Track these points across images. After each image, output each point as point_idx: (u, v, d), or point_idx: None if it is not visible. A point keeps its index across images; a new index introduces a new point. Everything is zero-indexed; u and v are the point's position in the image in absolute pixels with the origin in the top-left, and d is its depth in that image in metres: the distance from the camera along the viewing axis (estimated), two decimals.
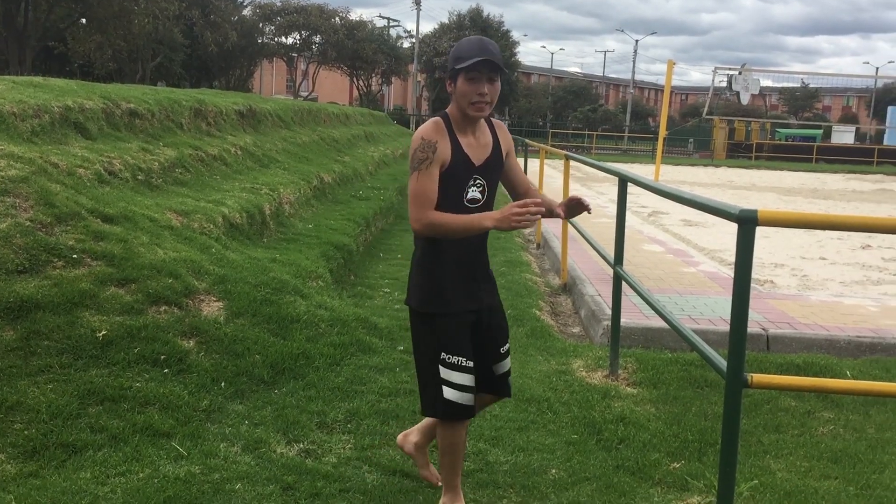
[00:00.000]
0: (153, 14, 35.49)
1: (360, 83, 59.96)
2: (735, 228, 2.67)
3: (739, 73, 30.45)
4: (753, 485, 3.69)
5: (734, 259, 2.69)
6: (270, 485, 3.43)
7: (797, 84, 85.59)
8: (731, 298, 2.67)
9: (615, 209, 5.15)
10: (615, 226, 5.13)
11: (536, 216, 2.82)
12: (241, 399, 4.31)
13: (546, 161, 13.10)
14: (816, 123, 61.28)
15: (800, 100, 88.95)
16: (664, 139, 26.80)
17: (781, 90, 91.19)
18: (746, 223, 2.62)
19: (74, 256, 4.76)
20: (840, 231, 3.84)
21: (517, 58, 64.27)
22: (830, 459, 4.05)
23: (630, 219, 12.62)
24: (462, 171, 3.02)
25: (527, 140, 18.60)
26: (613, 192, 4.80)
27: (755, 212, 2.62)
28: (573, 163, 8.25)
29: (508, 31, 61.75)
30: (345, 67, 57.79)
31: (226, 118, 11.15)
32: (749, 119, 53.24)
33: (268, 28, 54.71)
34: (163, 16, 36.48)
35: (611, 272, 5.29)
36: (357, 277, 8.09)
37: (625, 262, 5.18)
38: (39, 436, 3.57)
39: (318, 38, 55.39)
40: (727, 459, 2.75)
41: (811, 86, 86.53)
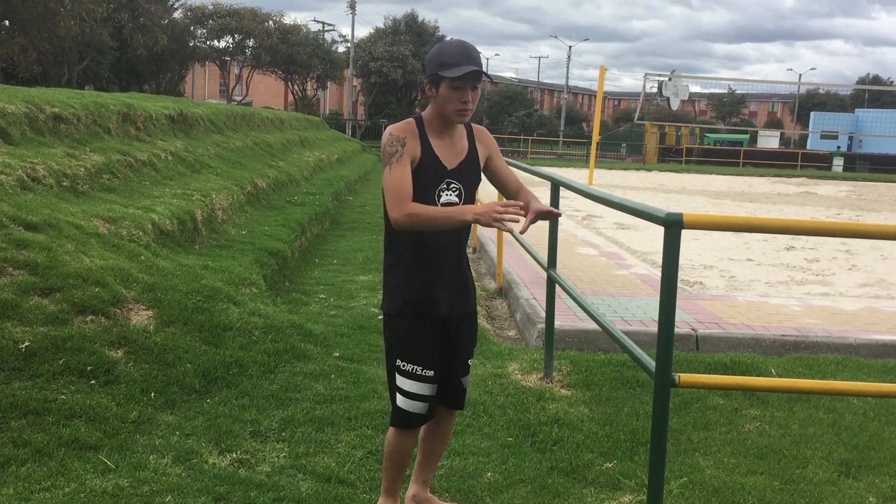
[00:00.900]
0: (80, 16, 34.53)
1: (295, 88, 59.40)
2: (663, 231, 2.73)
3: (669, 80, 31.13)
4: (683, 482, 3.77)
5: None
6: (202, 496, 3.37)
7: (725, 90, 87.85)
8: (659, 300, 2.73)
9: None
10: (548, 230, 5.19)
11: (516, 219, 2.79)
12: (172, 409, 4.23)
13: None
14: (743, 129, 63.10)
15: (727, 105, 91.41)
16: (598, 144, 27.21)
17: (710, 96, 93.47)
18: (672, 226, 2.68)
19: None
20: (765, 233, 3.96)
21: None
22: (757, 455, 4.17)
23: (564, 223, 12.79)
24: (432, 173, 2.96)
25: None
26: (548, 197, 4.86)
27: (681, 215, 2.68)
28: None
29: (444, 37, 61.94)
30: (279, 72, 57.15)
31: (156, 123, 10.93)
32: (679, 124, 54.50)
33: (199, 31, 53.74)
34: (90, 18, 35.52)
35: (545, 275, 5.35)
36: (292, 284, 8.01)
37: (559, 266, 5.24)
38: None
39: (252, 42, 54.64)
40: (657, 458, 2.80)
41: (738, 92, 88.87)
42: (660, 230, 2.73)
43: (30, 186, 6.14)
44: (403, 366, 3.06)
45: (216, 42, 54.85)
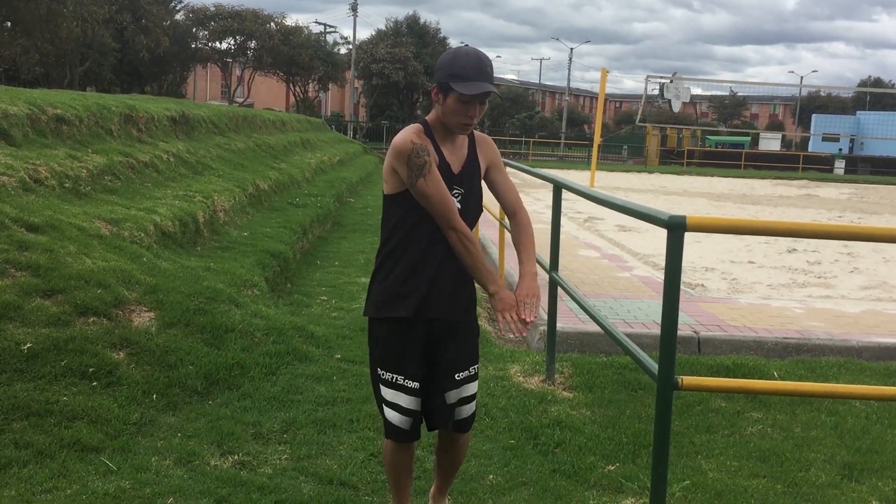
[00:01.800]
0: (82, 18, 34.58)
1: (297, 89, 59.44)
2: (666, 234, 2.73)
3: (671, 82, 31.17)
4: (685, 485, 3.77)
5: None
6: (203, 498, 3.36)
7: (726, 92, 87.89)
8: (662, 302, 2.72)
9: (551, 216, 5.21)
10: (550, 232, 5.19)
11: (524, 330, 2.76)
12: (174, 411, 4.23)
13: None
14: (745, 131, 63.02)
15: (729, 108, 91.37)
16: (599, 146, 27.22)
17: (711, 98, 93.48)
18: (675, 229, 2.68)
19: None
20: (767, 236, 3.96)
21: None
22: (759, 458, 4.16)
23: (566, 225, 12.79)
24: (443, 178, 2.88)
25: None
26: (550, 199, 4.85)
27: (684, 218, 2.67)
28: (511, 169, 8.32)
29: (445, 39, 62.09)
30: (281, 73, 57.20)
31: (158, 124, 10.93)
32: (680, 126, 54.53)
33: (201, 33, 53.83)
34: (92, 19, 35.56)
35: (547, 278, 5.35)
36: (293, 286, 8.00)
37: (561, 268, 5.24)
38: None
39: (254, 44, 54.71)
40: (659, 461, 2.79)
41: (739, 94, 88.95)
42: (661, 232, 2.73)
43: (32, 188, 6.14)
44: (383, 374, 2.96)
45: (218, 44, 54.95)
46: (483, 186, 3.10)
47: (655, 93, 33.84)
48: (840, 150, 50.13)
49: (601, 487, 3.77)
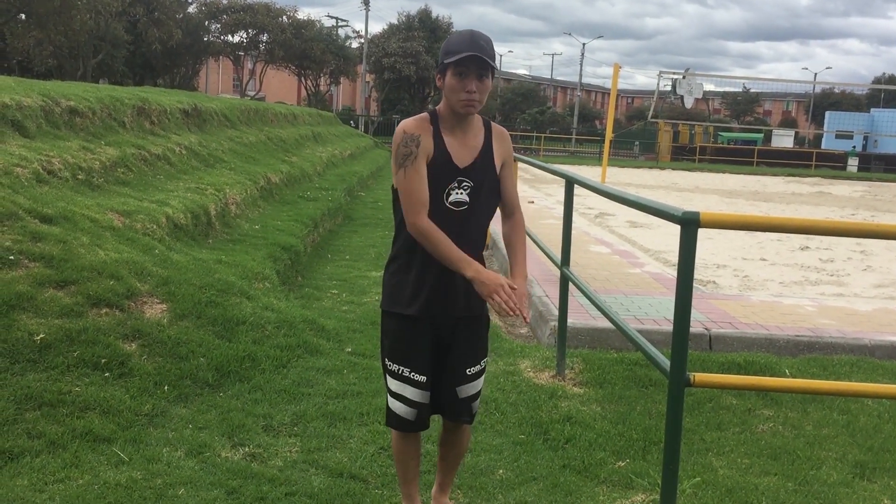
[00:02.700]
0: (95, 10, 34.70)
1: (308, 83, 59.52)
2: (678, 230, 2.72)
3: (683, 78, 31.04)
4: (696, 482, 3.76)
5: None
6: (214, 489, 3.38)
7: (739, 89, 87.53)
8: (674, 299, 2.71)
9: (562, 211, 5.19)
10: (562, 227, 5.18)
11: (510, 313, 2.69)
12: (185, 403, 4.24)
13: None
14: (757, 127, 62.78)
15: (741, 104, 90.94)
16: (611, 142, 27.15)
17: (724, 94, 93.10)
18: (689, 225, 2.67)
19: (11, 258, 4.63)
20: (779, 233, 3.94)
21: None
22: (770, 456, 4.15)
23: (577, 220, 12.76)
24: (442, 172, 2.83)
25: None
26: (561, 194, 4.84)
27: (697, 214, 2.66)
28: (522, 164, 8.31)
29: None
30: (292, 67, 57.31)
31: (170, 117, 10.96)
32: (693, 122, 54.23)
33: (214, 26, 54.00)
34: (105, 12, 35.68)
35: (558, 273, 5.34)
36: (304, 279, 8.02)
37: (572, 264, 5.23)
38: None
39: (266, 37, 54.84)
40: (670, 457, 2.79)
41: (752, 90, 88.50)
42: (673, 228, 2.72)
43: (45, 179, 6.18)
44: (390, 365, 2.99)
45: (230, 37, 55.13)
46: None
47: (668, 89, 33.71)
48: (853, 148, 49.84)
49: (611, 483, 3.76)
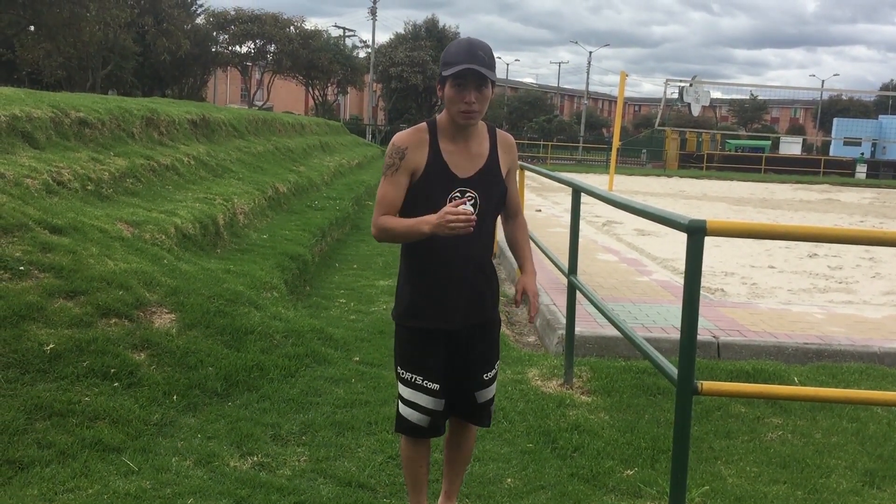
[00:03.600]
0: (104, 21, 34.94)
1: (316, 93, 59.71)
2: (686, 238, 2.72)
3: (690, 85, 30.98)
4: (705, 490, 3.75)
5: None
6: (223, 499, 3.39)
7: (746, 96, 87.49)
8: (682, 307, 2.72)
9: (570, 219, 5.20)
10: (569, 235, 5.18)
11: (470, 221, 2.66)
12: (194, 412, 4.26)
13: None
14: (765, 135, 62.60)
15: (749, 111, 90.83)
16: (618, 149, 27.14)
17: (731, 102, 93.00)
18: (696, 233, 2.67)
19: (21, 268, 4.66)
20: (787, 241, 3.93)
21: None
22: (779, 464, 4.13)
23: (584, 228, 12.75)
24: (438, 181, 2.84)
25: None
26: (568, 202, 4.84)
27: (704, 222, 2.66)
28: (529, 173, 8.32)
29: None
30: (300, 77, 57.51)
31: (178, 127, 11.02)
32: (700, 130, 54.19)
33: (222, 37, 54.27)
34: (114, 23, 35.92)
35: (565, 281, 5.34)
36: (312, 288, 8.04)
37: (579, 272, 5.23)
38: None
39: (273, 48, 55.06)
40: (678, 466, 2.79)
41: (760, 98, 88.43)
42: (680, 236, 2.72)
43: (55, 190, 6.21)
44: (403, 373, 3.01)
45: (238, 47, 55.38)
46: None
47: (675, 96, 33.66)
48: (862, 155, 49.67)
49: (619, 492, 3.76)
